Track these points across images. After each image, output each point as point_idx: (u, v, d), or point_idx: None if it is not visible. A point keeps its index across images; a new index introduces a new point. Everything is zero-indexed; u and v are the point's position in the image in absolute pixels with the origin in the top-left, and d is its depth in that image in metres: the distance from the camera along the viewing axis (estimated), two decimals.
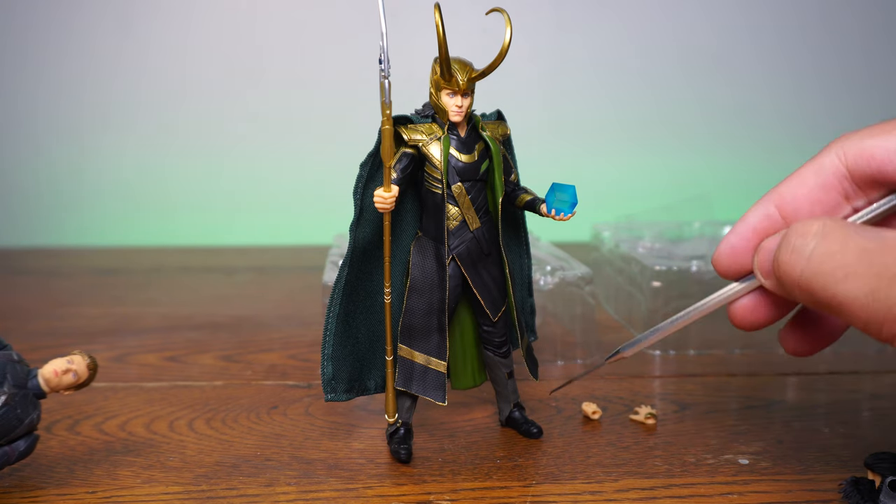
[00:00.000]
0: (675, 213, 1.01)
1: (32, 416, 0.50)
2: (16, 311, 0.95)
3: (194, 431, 0.59)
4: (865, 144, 0.40)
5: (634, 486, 0.50)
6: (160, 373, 0.73)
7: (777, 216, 0.41)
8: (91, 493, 0.50)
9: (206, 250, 1.30)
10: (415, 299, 0.54)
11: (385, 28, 0.48)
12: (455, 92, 0.52)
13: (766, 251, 0.40)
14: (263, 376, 0.71)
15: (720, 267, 0.43)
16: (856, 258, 0.35)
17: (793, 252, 0.37)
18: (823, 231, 0.36)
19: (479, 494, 0.49)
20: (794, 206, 0.41)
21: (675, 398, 0.65)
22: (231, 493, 0.50)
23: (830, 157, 0.40)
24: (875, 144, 0.39)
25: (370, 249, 0.55)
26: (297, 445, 0.57)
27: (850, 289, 0.35)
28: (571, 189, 0.53)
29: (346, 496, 0.49)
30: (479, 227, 0.54)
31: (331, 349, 0.54)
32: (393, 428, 0.55)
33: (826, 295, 0.36)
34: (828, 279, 0.35)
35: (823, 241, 0.36)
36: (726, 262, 0.43)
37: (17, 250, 1.31)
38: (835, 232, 0.36)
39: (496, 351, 0.57)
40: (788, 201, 0.41)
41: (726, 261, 0.43)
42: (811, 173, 0.41)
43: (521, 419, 0.58)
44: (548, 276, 0.75)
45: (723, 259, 0.43)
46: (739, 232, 0.42)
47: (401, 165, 0.52)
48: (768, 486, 0.50)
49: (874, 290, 0.34)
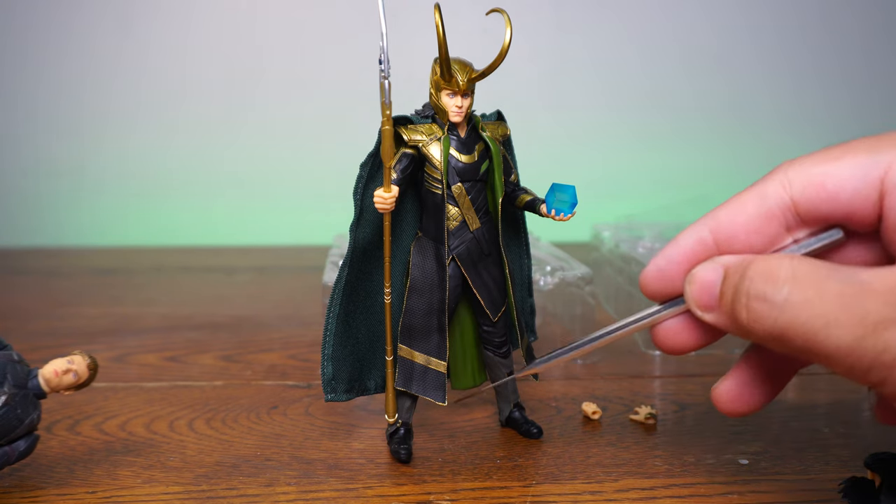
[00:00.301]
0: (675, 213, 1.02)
1: (32, 416, 0.50)
2: (16, 311, 0.95)
3: (194, 431, 0.59)
4: (815, 172, 0.37)
5: (634, 486, 0.50)
6: (160, 373, 0.73)
7: (710, 242, 0.39)
8: (91, 493, 0.50)
9: (206, 250, 1.30)
10: (415, 299, 0.54)
11: (385, 28, 0.48)
12: (455, 92, 0.52)
13: (705, 283, 0.38)
14: (263, 376, 0.71)
15: (646, 289, 0.41)
16: (835, 305, 0.33)
17: (763, 300, 0.34)
18: (794, 276, 0.34)
19: (479, 494, 0.49)
20: (730, 232, 0.39)
21: (675, 398, 0.65)
22: (231, 493, 0.50)
23: (774, 186, 0.38)
24: (825, 172, 0.37)
25: (370, 250, 0.55)
26: (297, 445, 0.57)
27: (833, 338, 0.33)
28: (571, 189, 0.53)
29: (346, 496, 0.49)
30: (479, 228, 0.54)
31: (331, 349, 0.54)
32: (393, 428, 0.55)
33: (805, 346, 0.33)
34: (806, 329, 0.33)
35: (796, 287, 0.33)
36: (653, 286, 0.41)
37: (17, 250, 1.31)
38: (807, 276, 0.34)
39: (496, 351, 0.57)
40: (725, 228, 0.39)
41: (653, 284, 0.40)
42: (752, 201, 0.38)
43: (521, 419, 0.58)
44: (548, 276, 0.75)
45: (649, 282, 0.41)
46: (669, 255, 0.40)
47: (401, 166, 0.52)
48: (768, 486, 0.50)
49: (859, 339, 0.32)
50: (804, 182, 0.37)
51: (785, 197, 0.38)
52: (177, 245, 1.32)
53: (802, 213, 0.38)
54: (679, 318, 0.41)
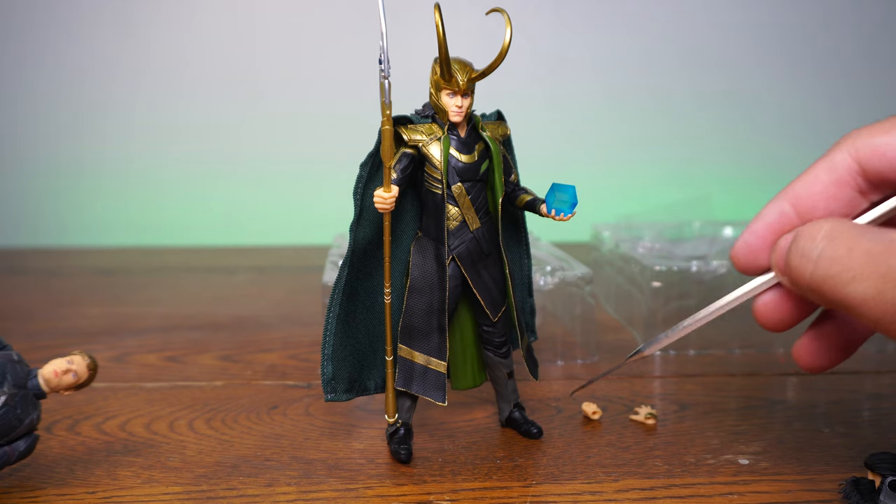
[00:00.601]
0: (675, 213, 1.02)
1: (32, 416, 0.50)
2: (16, 311, 0.95)
3: (194, 431, 0.59)
4: (877, 142, 0.40)
5: (634, 486, 0.50)
6: (160, 373, 0.73)
7: (792, 213, 0.42)
8: (91, 493, 0.50)
9: (206, 250, 1.30)
10: (415, 299, 0.54)
11: (385, 28, 0.48)
12: (455, 92, 0.52)
13: (781, 250, 0.41)
14: (263, 376, 0.71)
15: (738, 263, 0.43)
16: (861, 261, 0.35)
17: (802, 256, 0.38)
18: (831, 234, 0.37)
19: (479, 494, 0.49)
20: (810, 203, 0.41)
21: (675, 398, 0.65)
22: (231, 493, 0.50)
23: (842, 154, 0.41)
24: (887, 142, 0.39)
25: (370, 249, 0.55)
26: (297, 445, 0.57)
27: (858, 291, 0.35)
28: (571, 189, 0.53)
29: (346, 496, 0.49)
30: (479, 228, 0.54)
31: (331, 349, 0.54)
32: (393, 428, 0.55)
33: (836, 297, 0.36)
34: (836, 282, 0.36)
35: (830, 244, 0.37)
36: (744, 259, 0.43)
37: (17, 250, 1.31)
38: (842, 235, 0.37)
39: (496, 351, 0.57)
40: (803, 199, 0.41)
41: (744, 257, 0.43)
42: (824, 171, 0.41)
43: (521, 419, 0.58)
44: (548, 276, 0.75)
45: (740, 256, 0.43)
46: (755, 229, 0.43)
47: (401, 166, 0.52)
48: (768, 486, 0.50)
49: (881, 292, 0.35)
50: (868, 150, 0.40)
51: (853, 164, 0.40)
52: (177, 245, 1.32)
53: (872, 179, 0.40)
54: (775, 293, 0.43)
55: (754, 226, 0.43)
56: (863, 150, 0.40)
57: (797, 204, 0.42)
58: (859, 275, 0.35)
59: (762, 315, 0.44)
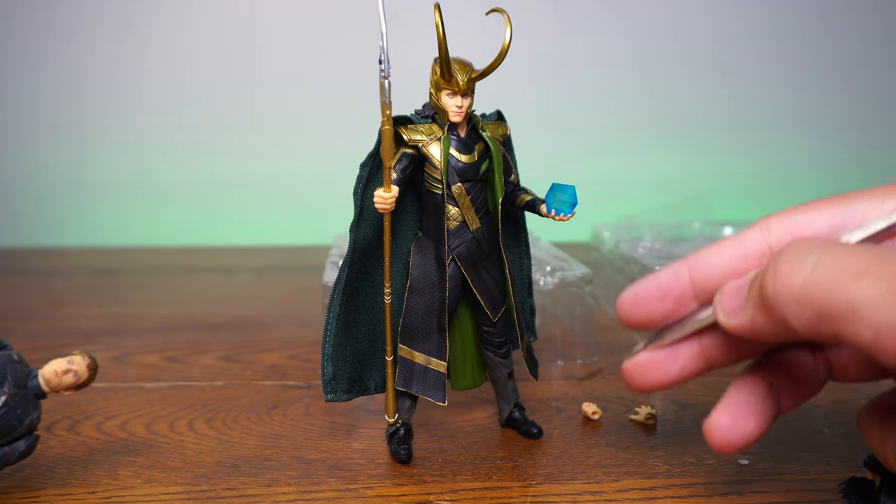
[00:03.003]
0: (675, 213, 1.02)
1: (32, 417, 0.50)
2: (16, 311, 0.95)
3: (194, 431, 0.59)
4: (795, 220, 0.38)
5: (634, 486, 0.50)
6: (160, 373, 0.73)
7: (687, 279, 0.40)
8: (91, 493, 0.50)
9: (206, 250, 1.30)
10: (415, 299, 0.54)
11: (385, 28, 0.48)
12: (455, 92, 0.52)
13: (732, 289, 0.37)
14: (263, 376, 0.71)
15: (621, 315, 0.41)
16: (869, 260, 0.32)
17: (794, 262, 0.34)
18: (826, 244, 0.34)
19: (479, 494, 0.49)
20: (707, 272, 0.39)
21: (675, 398, 0.65)
22: (231, 493, 0.50)
23: (754, 233, 0.39)
24: (806, 220, 0.38)
25: (370, 250, 0.55)
26: (297, 445, 0.57)
27: (865, 288, 0.31)
28: (571, 189, 0.53)
29: (346, 496, 0.49)
30: (479, 228, 0.54)
31: (331, 349, 0.54)
32: (393, 428, 0.55)
33: (831, 301, 0.32)
34: (836, 282, 0.32)
35: (829, 249, 0.33)
36: (628, 312, 0.41)
37: (17, 250, 1.31)
38: (839, 244, 0.34)
39: (496, 351, 0.57)
40: (702, 267, 0.39)
41: (628, 310, 0.41)
42: (731, 244, 0.39)
43: (522, 419, 0.58)
44: (548, 276, 0.75)
45: (624, 308, 0.41)
46: (645, 284, 0.40)
47: (401, 166, 0.52)
48: (768, 486, 0.50)
49: (892, 290, 0.30)
50: (783, 230, 0.38)
51: (763, 244, 0.38)
52: (177, 245, 1.32)
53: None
54: (650, 353, 0.41)
55: (645, 281, 0.41)
56: (776, 230, 0.38)
57: (694, 270, 0.39)
58: (866, 272, 0.31)
59: (632, 376, 0.41)
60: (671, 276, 0.40)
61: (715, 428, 0.40)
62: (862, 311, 0.31)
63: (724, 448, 0.40)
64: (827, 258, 0.33)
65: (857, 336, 0.31)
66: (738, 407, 0.40)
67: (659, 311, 0.40)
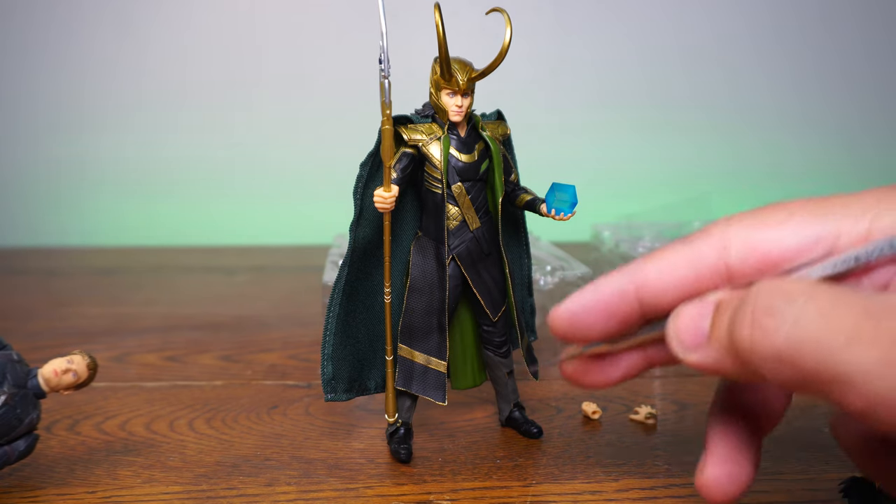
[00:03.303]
0: (675, 213, 1.01)
1: (32, 416, 0.50)
2: (16, 311, 0.95)
3: (194, 431, 0.59)
4: (756, 238, 0.33)
5: (634, 486, 0.50)
6: (160, 373, 0.73)
7: (632, 298, 0.35)
8: (91, 493, 0.50)
9: (205, 250, 1.30)
10: (415, 299, 0.54)
11: (385, 28, 0.48)
12: (455, 92, 0.52)
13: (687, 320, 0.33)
14: (263, 376, 0.71)
15: (556, 330, 0.36)
16: (860, 319, 0.28)
17: (772, 315, 0.29)
18: (810, 290, 0.29)
19: (479, 494, 0.49)
20: (656, 292, 0.35)
21: (675, 398, 0.65)
22: (231, 493, 0.50)
23: (709, 247, 0.34)
24: (768, 239, 0.33)
25: (370, 249, 0.55)
26: (297, 445, 0.57)
27: (856, 356, 0.27)
28: (571, 189, 0.53)
29: (345, 496, 0.49)
30: (479, 227, 0.54)
31: (331, 349, 0.54)
32: (393, 428, 0.55)
33: (819, 367, 0.28)
34: (822, 346, 0.28)
35: (813, 300, 0.29)
36: (563, 328, 0.36)
37: (17, 250, 1.31)
38: (825, 291, 0.29)
39: (496, 351, 0.57)
40: (651, 285, 0.35)
41: (563, 326, 0.36)
42: (682, 259, 0.34)
43: (522, 419, 0.58)
44: (548, 276, 0.75)
45: (559, 323, 0.36)
46: (584, 299, 0.36)
47: (401, 165, 0.52)
48: (768, 486, 0.50)
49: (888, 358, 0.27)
50: (744, 249, 0.33)
51: (720, 264, 0.34)
52: (177, 245, 1.32)
53: (737, 279, 0.34)
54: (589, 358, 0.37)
55: (585, 296, 0.36)
56: (736, 248, 0.33)
57: (642, 289, 0.35)
58: (856, 337, 0.28)
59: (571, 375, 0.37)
60: (615, 295, 0.36)
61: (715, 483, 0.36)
62: (854, 381, 0.28)
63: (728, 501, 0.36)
64: (810, 312, 0.29)
65: (849, 404, 0.28)
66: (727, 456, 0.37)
67: (600, 331, 0.36)
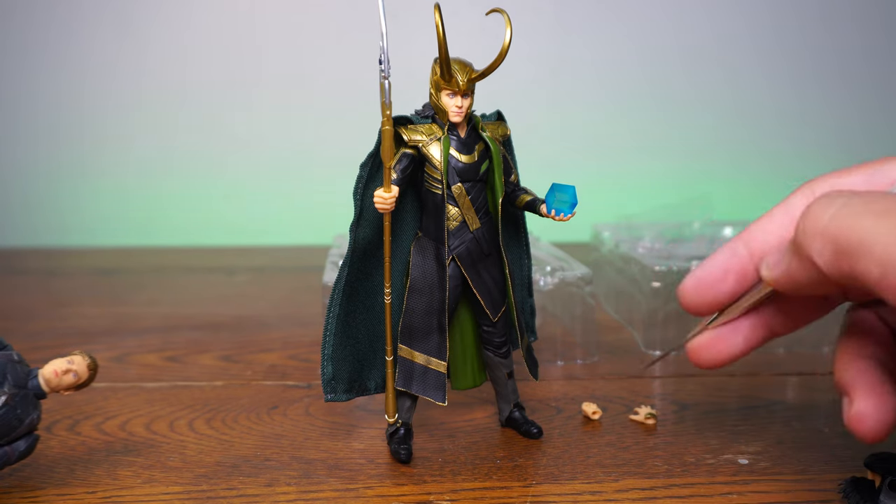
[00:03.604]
0: (675, 214, 1.01)
1: (32, 416, 0.50)
2: (16, 311, 0.95)
3: (194, 431, 0.59)
4: (836, 182, 0.39)
5: (634, 486, 0.50)
6: (160, 373, 0.73)
7: (745, 253, 0.40)
8: (91, 493, 0.50)
9: (206, 250, 1.30)
10: (415, 299, 0.54)
11: (385, 28, 0.48)
12: (455, 92, 0.52)
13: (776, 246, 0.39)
14: (263, 376, 0.71)
15: (685, 300, 0.41)
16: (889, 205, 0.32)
17: (825, 202, 0.34)
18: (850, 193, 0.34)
19: (479, 494, 0.49)
20: (763, 239, 0.40)
21: (675, 398, 0.65)
22: (231, 493, 0.50)
23: (799, 197, 0.40)
24: (847, 182, 0.39)
25: (370, 250, 0.55)
26: (297, 445, 0.57)
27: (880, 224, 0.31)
28: (571, 189, 0.53)
29: (345, 496, 0.49)
30: (479, 228, 0.54)
31: (331, 349, 0.54)
32: (393, 428, 0.55)
33: (849, 235, 0.32)
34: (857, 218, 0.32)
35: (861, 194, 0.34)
36: (692, 295, 0.41)
37: (17, 250, 1.31)
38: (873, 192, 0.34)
39: (496, 351, 0.57)
40: (757, 238, 0.40)
41: (692, 293, 0.41)
42: (780, 211, 0.40)
43: (521, 419, 0.58)
44: (548, 277, 0.75)
45: (688, 291, 0.41)
46: (706, 266, 0.41)
47: (401, 166, 0.52)
48: (768, 486, 0.50)
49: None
50: (826, 189, 0.38)
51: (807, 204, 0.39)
52: (177, 245, 1.32)
53: None
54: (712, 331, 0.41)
55: (706, 264, 0.41)
56: (819, 191, 0.39)
57: (750, 242, 0.40)
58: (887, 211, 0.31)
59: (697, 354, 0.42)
60: (728, 255, 0.40)
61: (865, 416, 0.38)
62: (872, 246, 0.31)
63: (878, 436, 0.38)
64: (856, 200, 0.33)
65: (867, 273, 0.31)
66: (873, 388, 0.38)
67: (722, 291, 0.40)
